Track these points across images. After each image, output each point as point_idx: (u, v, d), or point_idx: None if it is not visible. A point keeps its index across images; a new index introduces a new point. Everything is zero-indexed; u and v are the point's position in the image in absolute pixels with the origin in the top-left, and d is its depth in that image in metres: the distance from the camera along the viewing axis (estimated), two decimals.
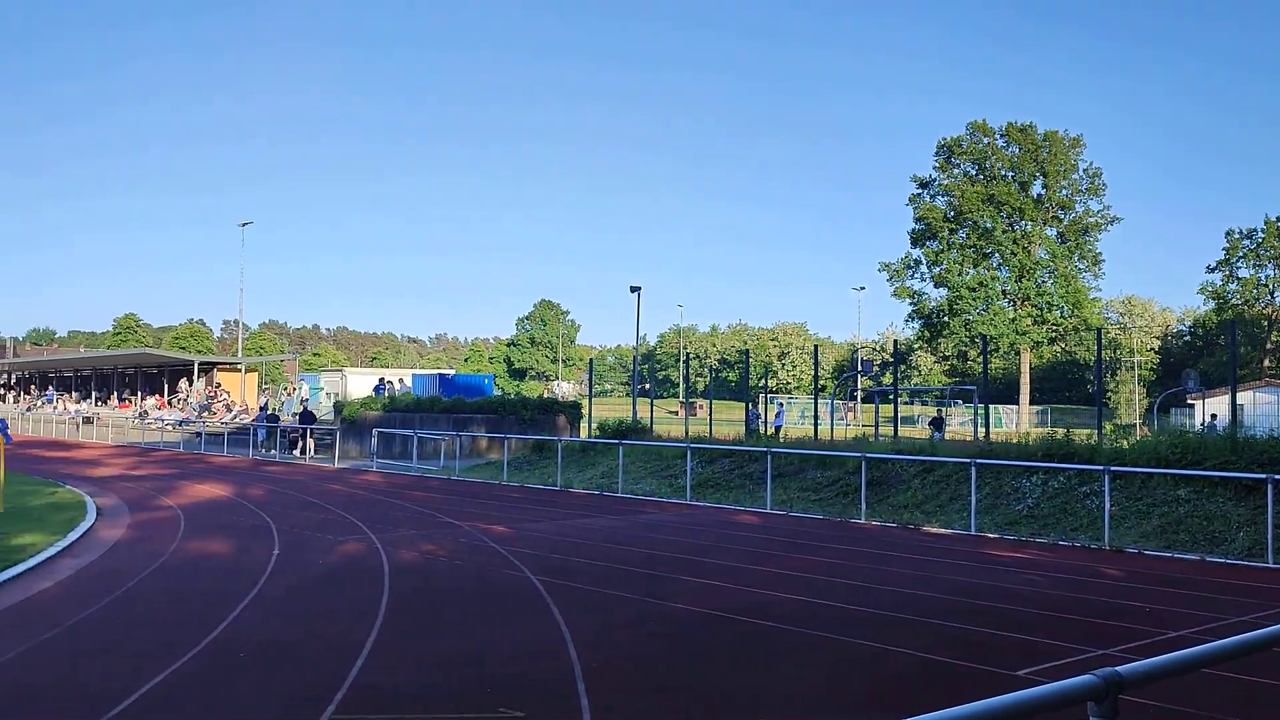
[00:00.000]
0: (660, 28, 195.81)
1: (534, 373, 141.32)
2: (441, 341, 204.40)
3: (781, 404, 49.60)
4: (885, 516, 15.93)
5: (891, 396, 32.55)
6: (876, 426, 33.91)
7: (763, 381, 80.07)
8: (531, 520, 15.51)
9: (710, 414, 32.21)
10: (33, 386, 67.43)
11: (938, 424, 35.21)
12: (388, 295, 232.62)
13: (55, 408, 54.54)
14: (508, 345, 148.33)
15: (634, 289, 39.27)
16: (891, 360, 42.69)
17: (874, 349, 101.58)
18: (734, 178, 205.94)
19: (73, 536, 12.81)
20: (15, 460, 24.55)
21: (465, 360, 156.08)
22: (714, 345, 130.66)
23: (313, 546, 12.44)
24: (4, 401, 65.63)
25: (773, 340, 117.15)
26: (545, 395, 47.27)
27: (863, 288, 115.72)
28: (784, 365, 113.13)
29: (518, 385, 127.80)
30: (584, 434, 32.71)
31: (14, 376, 72.27)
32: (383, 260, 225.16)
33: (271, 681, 6.42)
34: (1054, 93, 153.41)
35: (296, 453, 31.60)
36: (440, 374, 41.10)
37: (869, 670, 6.92)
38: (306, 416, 34.78)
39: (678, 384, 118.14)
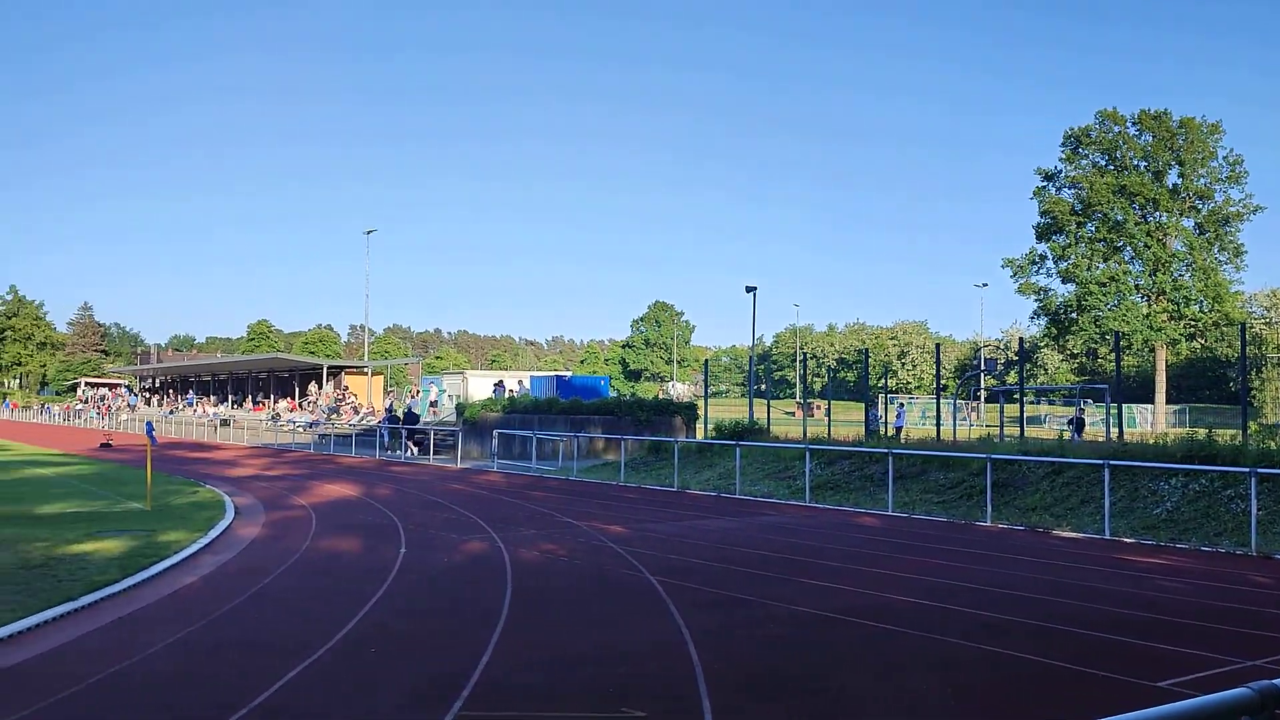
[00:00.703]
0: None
1: (649, 374, 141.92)
2: (558, 344, 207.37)
3: (902, 404, 48.62)
4: (1012, 519, 15.46)
5: (1017, 396, 31.51)
6: (1001, 427, 32.88)
7: (882, 382, 78.61)
8: (649, 521, 15.55)
9: (829, 415, 31.80)
10: (174, 391, 71.14)
11: (1078, 425, 33.84)
12: (506, 299, 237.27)
13: (195, 410, 57.36)
14: (623, 347, 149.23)
15: (749, 289, 39.07)
16: (1016, 358, 41.40)
17: (997, 347, 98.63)
18: (850, 176, 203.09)
19: (213, 534, 13.39)
20: (160, 461, 25.95)
21: (581, 362, 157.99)
22: (831, 345, 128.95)
23: (437, 545, 12.72)
24: (149, 405, 69.35)
25: (892, 339, 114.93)
26: (660, 396, 47.41)
27: (985, 285, 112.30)
28: (904, 365, 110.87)
29: (633, 387, 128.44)
30: (700, 435, 32.70)
31: (157, 381, 76.39)
32: (501, 265, 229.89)
33: (401, 675, 6.60)
34: (1188, 78, 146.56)
35: (413, 452, 32.45)
36: (557, 376, 41.63)
37: (998, 678, 6.72)
38: (410, 418, 36.19)
39: (794, 384, 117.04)
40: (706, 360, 55.09)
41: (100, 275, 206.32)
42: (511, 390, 38.03)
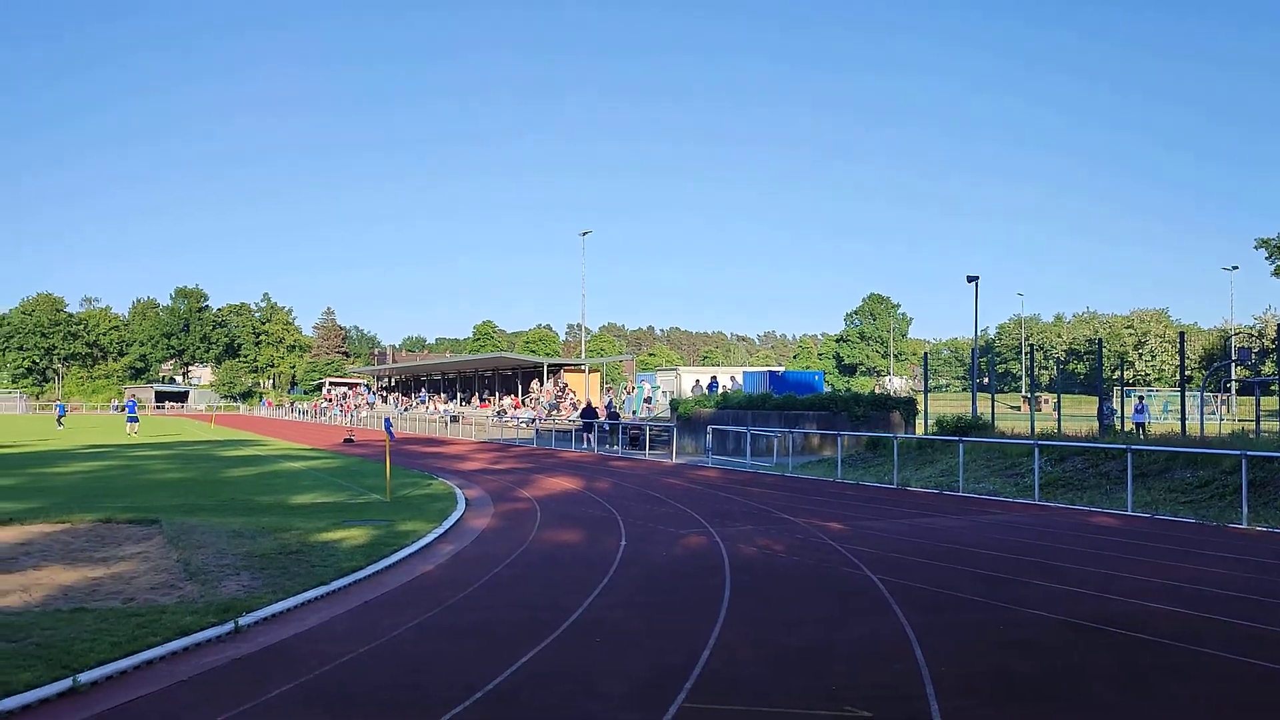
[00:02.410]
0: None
1: (864, 368, 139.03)
2: (770, 339, 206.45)
3: (1141, 397, 45.49)
4: (1272, 522, 14.16)
5: (1274, 387, 28.87)
6: (1257, 421, 30.22)
7: (1117, 373, 73.81)
8: (869, 518, 15.24)
9: (1058, 409, 30.17)
10: (408, 389, 75.71)
11: None
12: (718, 296, 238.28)
13: (427, 408, 60.93)
14: (836, 341, 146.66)
15: (970, 278, 37.62)
16: (1273, 346, 37.86)
17: (1250, 335, 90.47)
18: (1075, 154, 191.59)
19: (447, 525, 14.08)
20: (396, 455, 27.68)
21: (794, 357, 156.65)
22: (1059, 335, 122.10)
23: (656, 539, 12.90)
24: (385, 402, 74.10)
25: (1128, 328, 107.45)
26: (877, 391, 46.39)
27: (1235, 268, 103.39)
28: (1141, 355, 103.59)
29: (848, 382, 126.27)
30: (919, 431, 31.75)
31: (393, 380, 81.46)
32: (713, 261, 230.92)
33: (625, 665, 6.75)
34: None
35: (593, 446, 33.14)
36: (770, 371, 41.50)
37: (1265, 695, 6.17)
38: (609, 415, 37.15)
39: (1019, 377, 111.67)
40: (926, 353, 53.38)
41: (341, 282, 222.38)
42: (724, 386, 38.34)
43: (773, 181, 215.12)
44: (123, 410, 79.39)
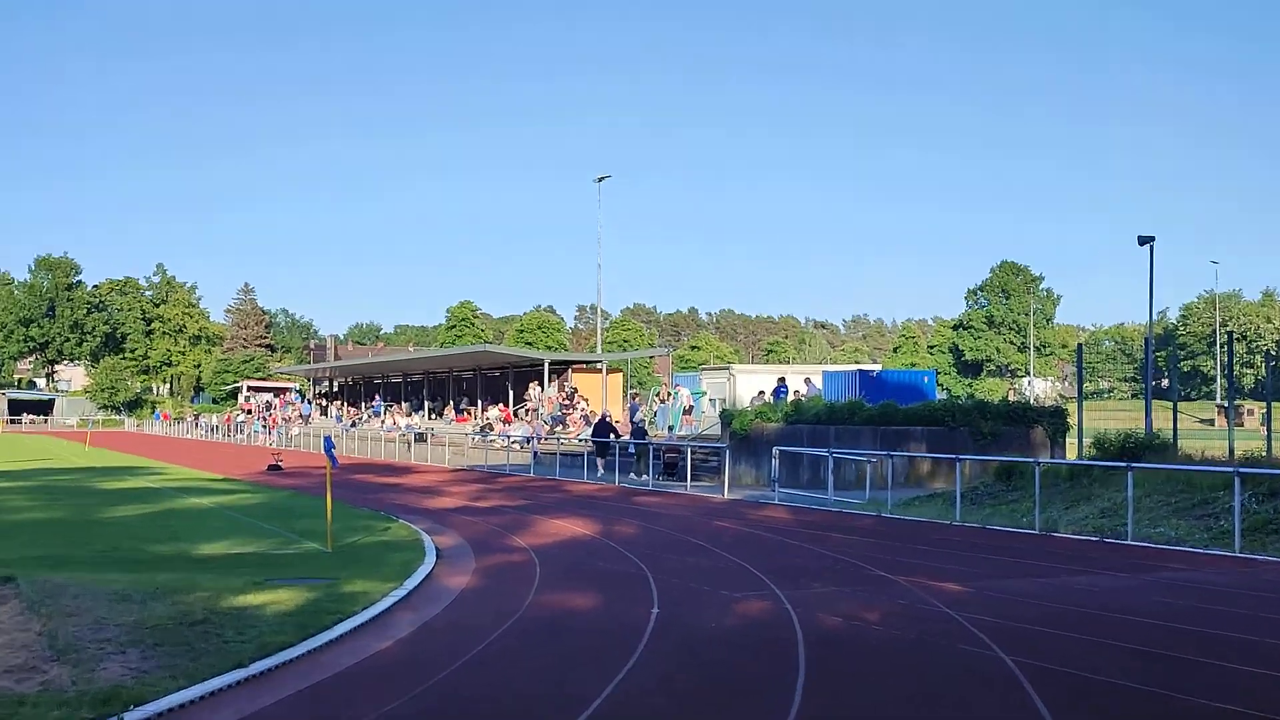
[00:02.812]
0: None
1: (993, 366, 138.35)
2: (860, 326, 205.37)
3: None
4: None
5: None
6: None
7: None
8: (998, 576, 15.17)
9: (1267, 422, 29.86)
10: (356, 396, 76.02)
11: None
12: (786, 268, 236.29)
13: (383, 422, 61.18)
14: (954, 328, 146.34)
15: (1143, 240, 37.32)
16: None
17: None
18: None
19: (410, 584, 14.09)
20: (342, 488, 27.78)
21: (894, 351, 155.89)
22: (1269, 320, 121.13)
23: (701, 605, 12.84)
24: (325, 414, 74.37)
25: None
26: (1011, 398, 46.12)
27: None
28: None
29: (970, 385, 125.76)
30: (1071, 454, 31.56)
31: (335, 384, 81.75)
32: (780, 224, 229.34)
33: None
34: None
35: (644, 476, 33.07)
36: (861, 371, 41.37)
37: None
38: (637, 432, 37.31)
39: (1212, 379, 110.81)
40: (1080, 345, 52.98)
41: (263, 254, 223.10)
42: (797, 392, 38.12)
43: (858, 125, 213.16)
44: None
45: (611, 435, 37.45)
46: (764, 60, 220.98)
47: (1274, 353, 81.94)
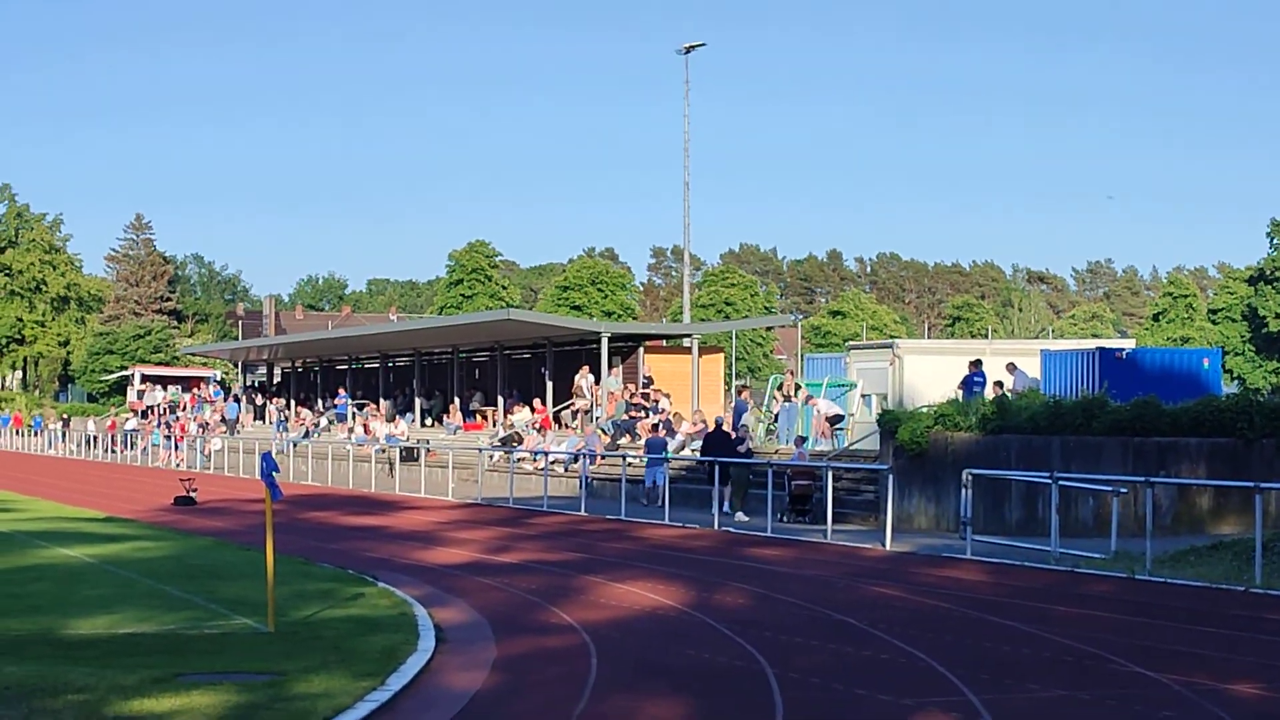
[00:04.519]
0: None
1: None
2: (1101, 277, 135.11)
3: None
4: None
5: None
6: None
7: None
8: None
9: None
10: (308, 390, 53.26)
11: None
12: (981, 197, 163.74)
13: (351, 431, 41.31)
14: (1249, 282, 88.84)
15: None
16: None
17: None
18: None
19: (395, 684, 9.55)
20: (288, 531, 20.22)
21: (1154, 319, 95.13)
22: None
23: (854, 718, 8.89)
24: (262, 420, 51.58)
25: None
26: None
27: None
28: None
29: (1277, 371, 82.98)
30: None
31: (278, 369, 57.43)
32: (969, 121, 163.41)
33: None
34: None
35: (739, 515, 23.18)
36: (1103, 350, 30.91)
37: None
38: (721, 440, 25.14)
39: None
40: None
41: (164, 179, 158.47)
42: (999, 384, 26.48)
43: None
44: None
45: (730, 452, 25.11)
46: None
47: None
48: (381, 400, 45.11)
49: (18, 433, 63.86)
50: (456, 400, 41.65)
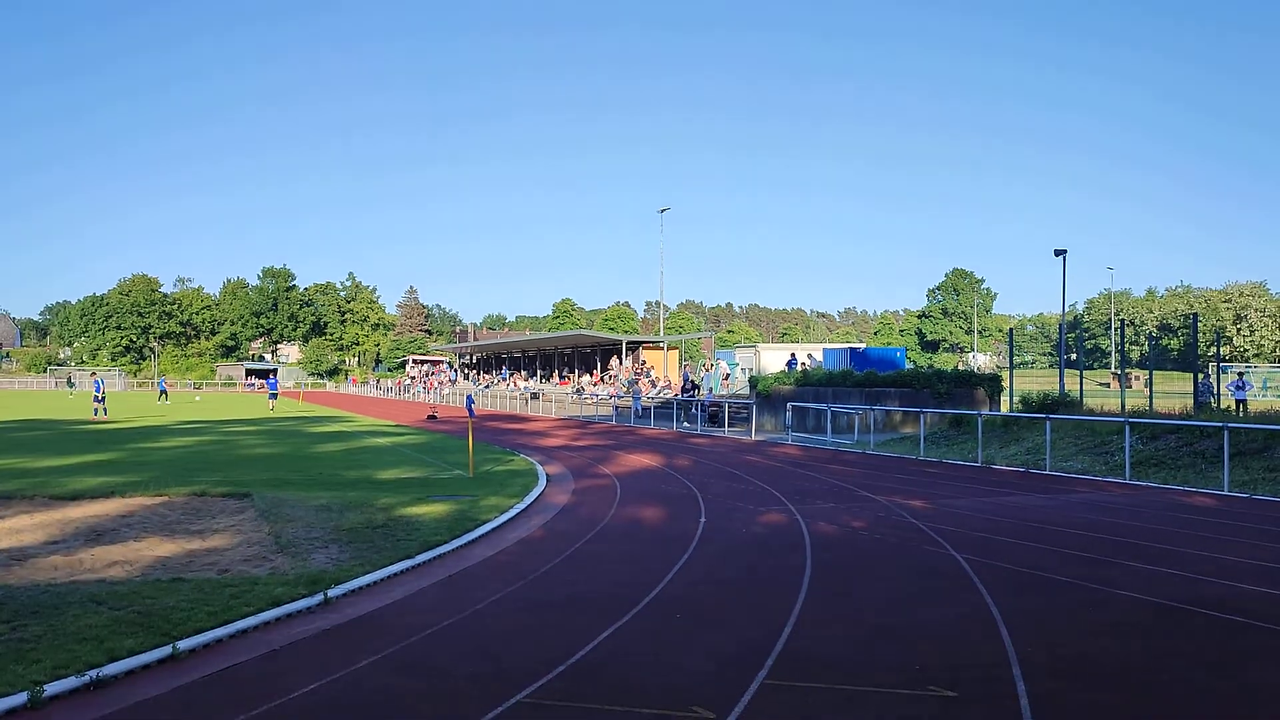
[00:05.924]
0: None
1: (947, 345, 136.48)
2: (850, 315, 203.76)
3: (1241, 373, 43.93)
4: None
5: None
6: None
7: (1212, 349, 71.22)
8: (952, 496, 14.96)
9: (1149, 386, 29.27)
10: (489, 367, 76.53)
11: None
12: (797, 271, 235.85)
13: (508, 385, 61.47)
14: (919, 317, 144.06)
15: (1058, 252, 36.59)
16: None
17: None
18: (1163, 131, 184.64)
19: (528, 500, 14.11)
20: (479, 432, 28.00)
21: (875, 334, 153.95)
22: (1151, 310, 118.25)
23: (736, 516, 12.80)
24: (467, 379, 75.07)
25: (1225, 302, 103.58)
26: (960, 368, 45.59)
27: None
28: (1239, 330, 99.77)
29: (930, 358, 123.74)
30: (1004, 408, 31.17)
31: (474, 358, 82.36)
32: (792, 236, 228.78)
33: (707, 641, 6.76)
34: None
35: (685, 423, 33.02)
36: (850, 348, 40.92)
37: None
38: (687, 388, 37.29)
39: (1109, 354, 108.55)
40: (1011, 329, 52.27)
41: (423, 261, 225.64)
42: (804, 363, 37.90)
43: (853, 156, 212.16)
44: (263, 389, 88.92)
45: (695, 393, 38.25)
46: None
47: (1153, 335, 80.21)
48: (521, 370, 67.82)
49: (355, 387, 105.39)
50: (555, 371, 62.90)
